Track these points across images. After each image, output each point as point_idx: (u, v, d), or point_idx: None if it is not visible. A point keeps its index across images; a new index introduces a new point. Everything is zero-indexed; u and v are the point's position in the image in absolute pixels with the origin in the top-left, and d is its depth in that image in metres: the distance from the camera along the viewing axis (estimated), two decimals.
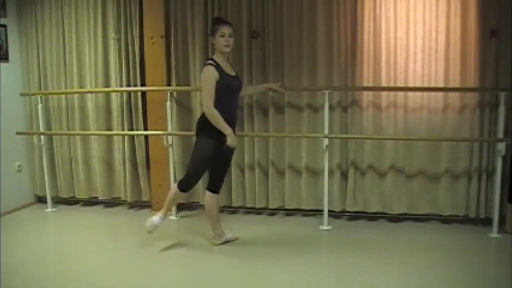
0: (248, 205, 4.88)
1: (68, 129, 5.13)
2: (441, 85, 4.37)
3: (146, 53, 4.80)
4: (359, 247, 4.04)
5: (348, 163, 4.61)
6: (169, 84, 4.83)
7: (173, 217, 4.77)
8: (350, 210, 4.68)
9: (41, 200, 5.39)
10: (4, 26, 4.95)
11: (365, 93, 4.52)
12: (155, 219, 3.95)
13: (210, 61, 3.75)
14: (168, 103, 4.71)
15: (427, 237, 4.28)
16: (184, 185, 3.90)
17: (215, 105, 3.68)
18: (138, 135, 4.94)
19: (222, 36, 3.73)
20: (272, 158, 4.73)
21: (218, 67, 3.72)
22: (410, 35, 4.36)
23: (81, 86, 5.03)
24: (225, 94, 3.72)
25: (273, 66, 4.60)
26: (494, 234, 4.22)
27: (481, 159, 4.37)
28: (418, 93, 4.41)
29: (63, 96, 5.09)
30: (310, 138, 4.62)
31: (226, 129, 3.70)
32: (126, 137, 4.97)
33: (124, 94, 4.94)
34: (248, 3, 4.58)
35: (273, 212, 4.92)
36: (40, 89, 5.13)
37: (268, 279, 3.49)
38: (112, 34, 4.88)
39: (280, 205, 4.82)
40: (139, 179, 5.02)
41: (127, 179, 5.02)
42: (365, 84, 4.49)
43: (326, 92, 4.35)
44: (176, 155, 4.86)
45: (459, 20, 4.27)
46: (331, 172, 4.56)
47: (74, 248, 4.15)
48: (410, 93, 4.43)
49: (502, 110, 4.14)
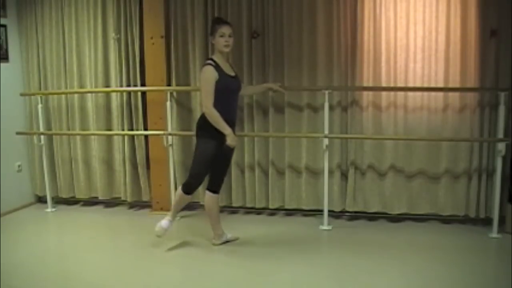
0: (248, 205, 4.88)
1: (68, 129, 5.13)
2: (441, 85, 4.37)
3: (146, 53, 4.80)
4: (359, 247, 4.04)
5: (348, 163, 4.61)
6: (169, 84, 4.83)
7: None
8: (350, 210, 4.68)
9: (41, 200, 5.38)
10: (4, 26, 4.95)
11: (365, 93, 4.52)
12: (164, 222, 3.95)
13: (210, 61, 3.75)
14: (168, 103, 4.72)
15: (427, 237, 4.28)
16: (188, 187, 3.90)
17: (215, 105, 3.68)
18: (138, 135, 4.94)
19: (221, 36, 3.72)
20: (272, 158, 4.73)
21: (217, 67, 3.71)
22: (410, 35, 4.36)
23: (81, 86, 5.03)
24: (224, 94, 3.72)
25: (273, 66, 4.60)
26: (494, 234, 4.22)
27: (481, 159, 4.37)
28: (418, 93, 4.41)
29: (63, 96, 5.09)
30: (310, 138, 4.62)
31: (225, 129, 3.70)
32: (126, 137, 4.97)
33: (124, 94, 4.94)
34: (248, 3, 4.58)
35: (273, 212, 4.92)
36: (40, 89, 5.14)
37: (268, 279, 3.49)
38: (112, 34, 4.88)
39: (280, 205, 4.82)
40: (139, 179, 5.02)
41: (127, 179, 5.02)
42: (365, 84, 4.49)
43: (326, 92, 4.35)
44: (176, 155, 4.87)
45: (459, 20, 4.27)
46: (331, 172, 4.56)
47: (74, 248, 4.15)
48: (410, 93, 4.43)
49: (502, 110, 4.14)
